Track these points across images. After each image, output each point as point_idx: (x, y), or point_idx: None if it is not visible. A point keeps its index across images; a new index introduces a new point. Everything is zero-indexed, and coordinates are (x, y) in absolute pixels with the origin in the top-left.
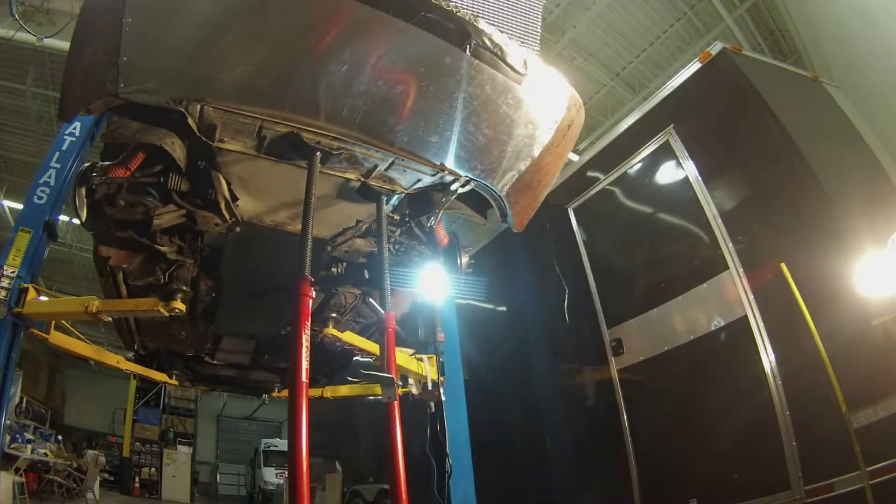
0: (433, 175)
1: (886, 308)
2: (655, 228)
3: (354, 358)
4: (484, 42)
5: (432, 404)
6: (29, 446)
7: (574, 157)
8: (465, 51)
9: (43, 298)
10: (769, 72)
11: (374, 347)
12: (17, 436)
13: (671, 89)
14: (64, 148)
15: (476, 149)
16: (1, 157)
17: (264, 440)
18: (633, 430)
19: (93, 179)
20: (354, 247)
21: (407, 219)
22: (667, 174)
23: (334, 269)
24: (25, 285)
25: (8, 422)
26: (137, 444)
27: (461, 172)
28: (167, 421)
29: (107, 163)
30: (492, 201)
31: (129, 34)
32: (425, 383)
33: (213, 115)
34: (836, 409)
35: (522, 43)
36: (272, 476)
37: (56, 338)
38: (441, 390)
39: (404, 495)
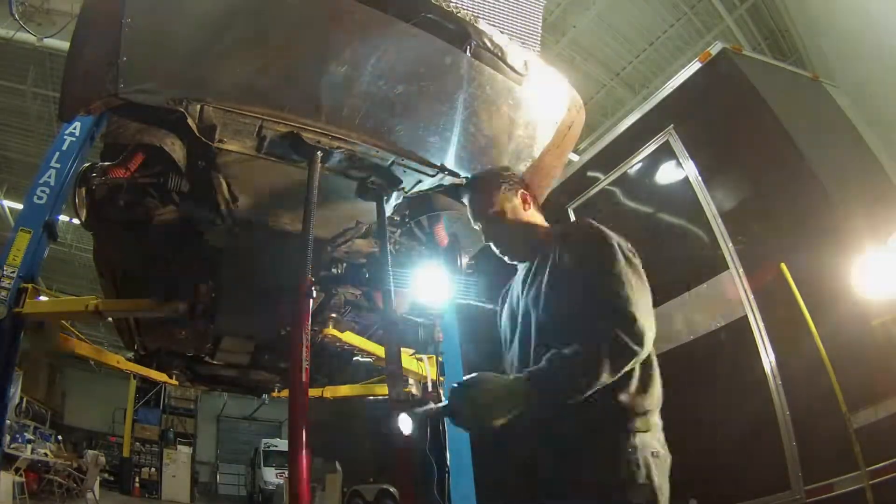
0: (433, 175)
1: (886, 308)
2: (655, 228)
3: (354, 358)
4: (484, 43)
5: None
6: (29, 446)
7: (574, 157)
8: (465, 52)
9: (43, 298)
10: (769, 72)
11: (373, 347)
12: (17, 436)
13: (671, 89)
14: (64, 148)
15: (476, 149)
16: (1, 157)
17: (264, 440)
18: None
19: (93, 179)
20: (354, 247)
21: (406, 219)
22: (667, 174)
23: (334, 270)
24: (25, 285)
25: (8, 422)
26: (137, 444)
27: (461, 173)
28: (167, 421)
29: (107, 163)
30: None
31: (128, 34)
32: (425, 383)
33: (213, 116)
34: (836, 409)
35: (523, 44)
36: (272, 476)
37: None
38: (441, 390)
39: (412, 494)
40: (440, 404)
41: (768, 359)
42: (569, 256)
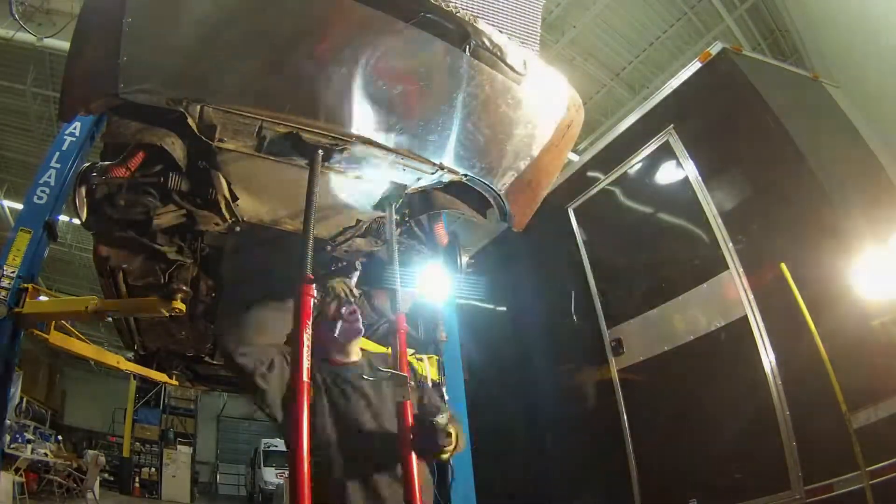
0: (432, 174)
1: (886, 308)
2: (655, 228)
3: None
4: (483, 42)
5: None
6: (29, 446)
7: (574, 157)
8: (464, 51)
9: (43, 298)
10: (769, 72)
11: (374, 347)
12: (17, 436)
13: (671, 89)
14: (64, 148)
15: (475, 148)
16: (1, 157)
17: (264, 440)
18: (633, 430)
19: (93, 179)
20: (355, 246)
21: (406, 218)
22: (667, 174)
23: (334, 269)
24: (25, 285)
25: (8, 422)
26: (137, 444)
27: (460, 171)
28: (167, 421)
29: (107, 163)
30: (491, 200)
31: (129, 34)
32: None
33: (213, 116)
34: (836, 409)
35: (522, 43)
36: (272, 476)
37: (56, 338)
38: (443, 390)
39: (417, 494)
40: None
41: (768, 359)
42: None
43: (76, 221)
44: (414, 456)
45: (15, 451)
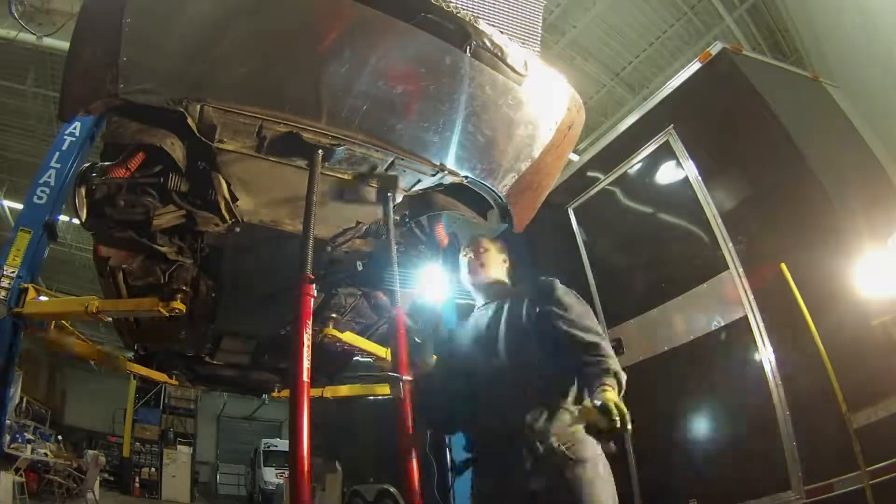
0: (433, 175)
1: (886, 308)
2: (655, 228)
3: (354, 358)
4: (484, 43)
5: None
6: (29, 446)
7: (574, 157)
8: (465, 52)
9: (43, 298)
10: (769, 72)
11: (374, 347)
12: (17, 436)
13: (671, 89)
14: (64, 148)
15: (476, 149)
16: (1, 157)
17: (264, 440)
18: (633, 430)
19: (93, 179)
20: (354, 247)
21: (406, 219)
22: (667, 174)
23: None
24: (25, 285)
25: (8, 422)
26: (137, 444)
27: (461, 172)
28: (167, 421)
29: (107, 163)
30: (492, 202)
31: (128, 34)
32: None
33: (213, 116)
34: (836, 409)
35: (523, 44)
36: (272, 476)
37: (56, 337)
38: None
39: (417, 493)
40: None
41: (768, 359)
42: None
43: (76, 221)
44: (414, 457)
45: (15, 451)
